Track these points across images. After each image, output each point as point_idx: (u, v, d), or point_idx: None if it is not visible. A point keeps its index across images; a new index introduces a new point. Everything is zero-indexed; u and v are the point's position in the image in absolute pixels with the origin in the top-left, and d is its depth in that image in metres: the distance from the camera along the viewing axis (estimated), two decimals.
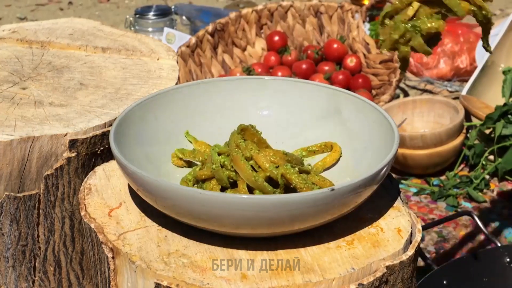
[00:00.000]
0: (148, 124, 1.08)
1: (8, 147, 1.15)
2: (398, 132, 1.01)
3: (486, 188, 2.06)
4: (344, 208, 0.94)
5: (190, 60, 2.22)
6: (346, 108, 1.09)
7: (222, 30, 2.31)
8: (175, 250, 0.94)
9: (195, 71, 2.23)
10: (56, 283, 1.24)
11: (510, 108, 2.06)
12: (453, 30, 2.53)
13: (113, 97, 1.27)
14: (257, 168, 0.98)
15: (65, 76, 1.33)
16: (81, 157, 1.18)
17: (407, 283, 0.96)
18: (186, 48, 2.22)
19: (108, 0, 2.97)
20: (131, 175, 0.95)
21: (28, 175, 1.17)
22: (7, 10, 2.87)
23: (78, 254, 1.23)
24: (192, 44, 2.24)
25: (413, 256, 0.96)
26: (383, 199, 1.03)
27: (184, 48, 2.22)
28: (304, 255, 0.93)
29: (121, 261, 0.94)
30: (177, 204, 0.92)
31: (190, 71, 2.22)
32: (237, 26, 2.35)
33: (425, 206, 2.00)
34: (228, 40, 2.34)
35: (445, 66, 2.52)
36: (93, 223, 0.98)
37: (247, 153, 0.98)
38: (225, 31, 2.32)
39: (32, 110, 1.22)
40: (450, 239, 1.87)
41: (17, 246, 1.20)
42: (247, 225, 0.91)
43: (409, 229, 0.98)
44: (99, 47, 1.42)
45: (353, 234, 0.97)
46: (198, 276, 0.90)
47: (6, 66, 1.35)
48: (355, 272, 0.91)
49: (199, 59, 2.26)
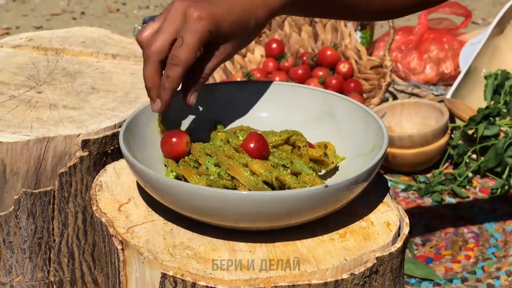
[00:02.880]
0: (155, 125, 1.08)
1: (25, 147, 1.15)
2: (387, 133, 1.01)
3: (469, 185, 2.05)
4: (337, 203, 0.94)
5: None
6: (339, 111, 1.09)
7: None
8: (180, 242, 0.94)
9: None
10: (69, 273, 1.24)
11: (492, 110, 2.06)
12: (439, 38, 2.53)
13: (122, 101, 1.26)
14: (252, 175, 0.98)
15: (78, 81, 1.33)
16: (93, 156, 1.18)
17: (395, 273, 0.96)
18: None
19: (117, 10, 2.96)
20: (139, 173, 0.95)
21: (43, 172, 1.17)
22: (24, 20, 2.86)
23: (90, 246, 1.23)
24: None
25: (401, 248, 0.96)
26: (373, 195, 1.03)
27: None
28: (300, 247, 0.93)
29: (130, 253, 0.94)
30: (181, 200, 0.92)
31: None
32: None
33: (412, 201, 2.00)
34: None
35: (431, 72, 2.52)
36: (104, 217, 0.98)
37: (243, 161, 0.98)
38: None
39: (47, 112, 1.22)
40: (436, 232, 1.87)
41: (33, 239, 1.20)
42: (247, 219, 0.91)
43: (398, 223, 0.98)
44: (110, 54, 1.42)
45: (346, 228, 0.97)
46: (201, 267, 0.90)
47: (23, 72, 1.35)
48: (348, 263, 0.91)
49: None
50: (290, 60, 2.37)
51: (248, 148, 1.00)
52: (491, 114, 2.06)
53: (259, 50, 2.41)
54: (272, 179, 0.96)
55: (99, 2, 3.03)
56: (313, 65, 2.37)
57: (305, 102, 1.12)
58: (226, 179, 0.96)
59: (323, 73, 2.34)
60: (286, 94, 1.13)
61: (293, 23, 2.43)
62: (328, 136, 1.09)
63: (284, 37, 2.44)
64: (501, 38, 2.34)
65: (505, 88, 2.16)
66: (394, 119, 2.19)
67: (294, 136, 1.04)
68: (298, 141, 1.04)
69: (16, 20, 2.87)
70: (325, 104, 1.11)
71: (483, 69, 2.30)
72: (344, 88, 2.30)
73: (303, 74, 2.29)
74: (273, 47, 2.37)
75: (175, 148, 1.03)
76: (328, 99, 1.11)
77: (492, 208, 1.96)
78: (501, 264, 1.77)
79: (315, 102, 1.11)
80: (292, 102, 1.13)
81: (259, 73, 2.29)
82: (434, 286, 1.70)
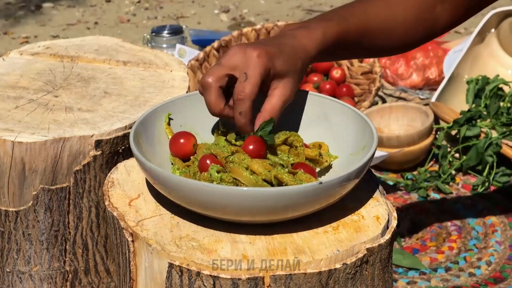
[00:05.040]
0: (162, 126, 1.08)
1: (42, 147, 1.15)
2: (376, 133, 1.01)
3: (452, 182, 2.05)
4: (330, 199, 0.93)
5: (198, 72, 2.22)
6: (333, 113, 1.09)
7: (226, 46, 2.31)
8: (186, 234, 0.94)
9: None
10: (84, 263, 1.24)
11: (474, 113, 2.07)
12: (424, 46, 2.53)
13: (132, 104, 1.26)
14: (252, 174, 0.98)
15: (91, 85, 1.33)
16: (105, 155, 1.18)
17: (384, 263, 0.96)
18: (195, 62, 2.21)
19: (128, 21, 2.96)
20: (148, 171, 0.95)
21: (60, 170, 1.17)
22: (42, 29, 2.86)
23: (103, 238, 1.23)
24: (200, 58, 2.23)
25: (389, 239, 0.96)
26: (364, 191, 1.03)
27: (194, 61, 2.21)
28: (296, 239, 0.93)
29: (139, 244, 0.94)
30: (187, 195, 0.92)
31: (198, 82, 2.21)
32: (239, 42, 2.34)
33: (400, 197, 2.00)
34: None
35: (417, 77, 2.52)
36: (115, 211, 0.98)
37: (244, 164, 0.98)
38: (229, 47, 2.31)
39: (63, 115, 1.22)
40: (421, 225, 1.87)
41: (50, 231, 1.20)
42: (248, 213, 0.91)
43: (386, 217, 0.98)
44: (121, 61, 1.42)
45: (338, 221, 0.97)
46: (205, 257, 0.90)
47: (41, 77, 1.35)
48: (340, 253, 0.91)
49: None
50: None
51: (247, 149, 1.00)
52: (473, 117, 2.06)
53: None
54: (271, 177, 0.96)
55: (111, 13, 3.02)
56: (308, 71, 2.37)
57: (301, 105, 1.12)
58: (228, 183, 0.96)
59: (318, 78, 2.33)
60: None
61: None
62: (322, 137, 1.09)
63: None
64: (482, 46, 2.34)
65: (486, 92, 2.16)
66: (383, 121, 2.19)
67: (292, 137, 1.04)
68: (296, 142, 1.04)
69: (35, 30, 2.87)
70: (319, 107, 1.11)
71: (465, 75, 2.30)
72: (337, 93, 2.30)
73: None
74: None
75: (183, 148, 1.03)
76: (322, 103, 1.11)
77: (473, 203, 1.96)
78: (482, 255, 1.77)
79: (310, 105, 1.11)
80: (289, 105, 1.13)
81: None
82: (420, 275, 1.70)
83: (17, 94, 1.28)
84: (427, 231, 1.86)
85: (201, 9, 3.10)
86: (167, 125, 1.07)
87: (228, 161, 0.98)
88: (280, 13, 3.07)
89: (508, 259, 1.74)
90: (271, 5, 3.13)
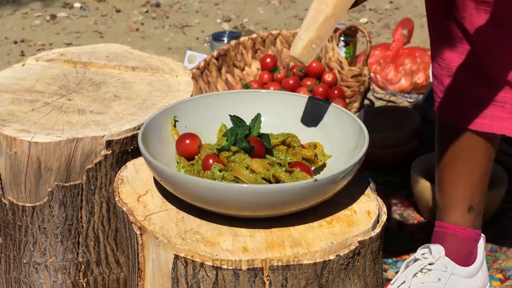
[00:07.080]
0: (168, 128, 1.08)
1: (57, 146, 1.14)
2: (368, 134, 1.01)
3: None
4: (324, 195, 0.93)
5: (200, 79, 2.21)
6: (326, 115, 1.09)
7: (225, 55, 2.31)
8: (190, 228, 0.94)
9: (204, 88, 2.22)
10: (95, 255, 1.23)
11: None
12: (412, 53, 2.53)
13: (140, 106, 1.26)
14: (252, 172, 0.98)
15: (102, 89, 1.33)
16: (115, 154, 1.18)
17: (375, 255, 0.96)
18: (197, 70, 2.21)
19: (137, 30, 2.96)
20: (155, 169, 0.95)
21: (73, 168, 1.17)
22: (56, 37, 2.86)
23: (113, 232, 1.23)
24: (201, 66, 2.23)
25: (380, 233, 0.96)
26: (356, 188, 1.03)
27: (195, 70, 2.21)
28: (293, 233, 0.93)
29: (147, 237, 0.94)
30: (192, 191, 0.92)
31: (200, 89, 2.21)
32: (236, 51, 2.34)
33: (389, 193, 2.00)
34: (229, 63, 2.33)
35: (405, 82, 2.52)
36: (125, 207, 0.98)
37: (244, 164, 0.98)
38: (227, 55, 2.32)
39: (76, 117, 1.22)
40: (410, 220, 1.87)
41: (64, 225, 1.20)
42: (248, 208, 0.91)
43: (377, 212, 0.98)
44: (130, 67, 1.42)
45: (332, 216, 0.97)
46: (208, 249, 0.90)
47: (56, 82, 1.35)
48: (334, 246, 0.91)
49: (207, 78, 2.25)
50: (282, 72, 2.36)
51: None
52: None
53: (255, 64, 2.41)
54: (269, 176, 0.96)
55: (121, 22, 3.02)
56: (302, 76, 2.37)
57: (296, 108, 1.12)
58: (229, 181, 0.96)
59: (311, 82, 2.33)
60: (280, 101, 1.13)
61: (284, 40, 2.42)
62: (317, 137, 1.09)
63: (276, 52, 2.44)
64: None
65: None
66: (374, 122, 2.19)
67: (290, 138, 1.04)
68: (293, 142, 1.04)
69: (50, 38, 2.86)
70: (313, 109, 1.11)
71: None
72: (330, 95, 2.29)
73: (294, 83, 2.29)
74: (267, 61, 2.37)
75: (189, 148, 1.04)
76: (316, 105, 1.11)
77: None
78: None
79: (306, 108, 1.11)
80: (285, 108, 1.13)
81: (256, 84, 2.28)
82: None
83: (33, 97, 1.28)
84: (415, 226, 1.86)
85: (205, 18, 3.10)
86: (173, 127, 1.07)
87: (230, 161, 0.98)
88: (278, 22, 3.07)
89: (490, 250, 1.74)
90: (270, 14, 3.14)
